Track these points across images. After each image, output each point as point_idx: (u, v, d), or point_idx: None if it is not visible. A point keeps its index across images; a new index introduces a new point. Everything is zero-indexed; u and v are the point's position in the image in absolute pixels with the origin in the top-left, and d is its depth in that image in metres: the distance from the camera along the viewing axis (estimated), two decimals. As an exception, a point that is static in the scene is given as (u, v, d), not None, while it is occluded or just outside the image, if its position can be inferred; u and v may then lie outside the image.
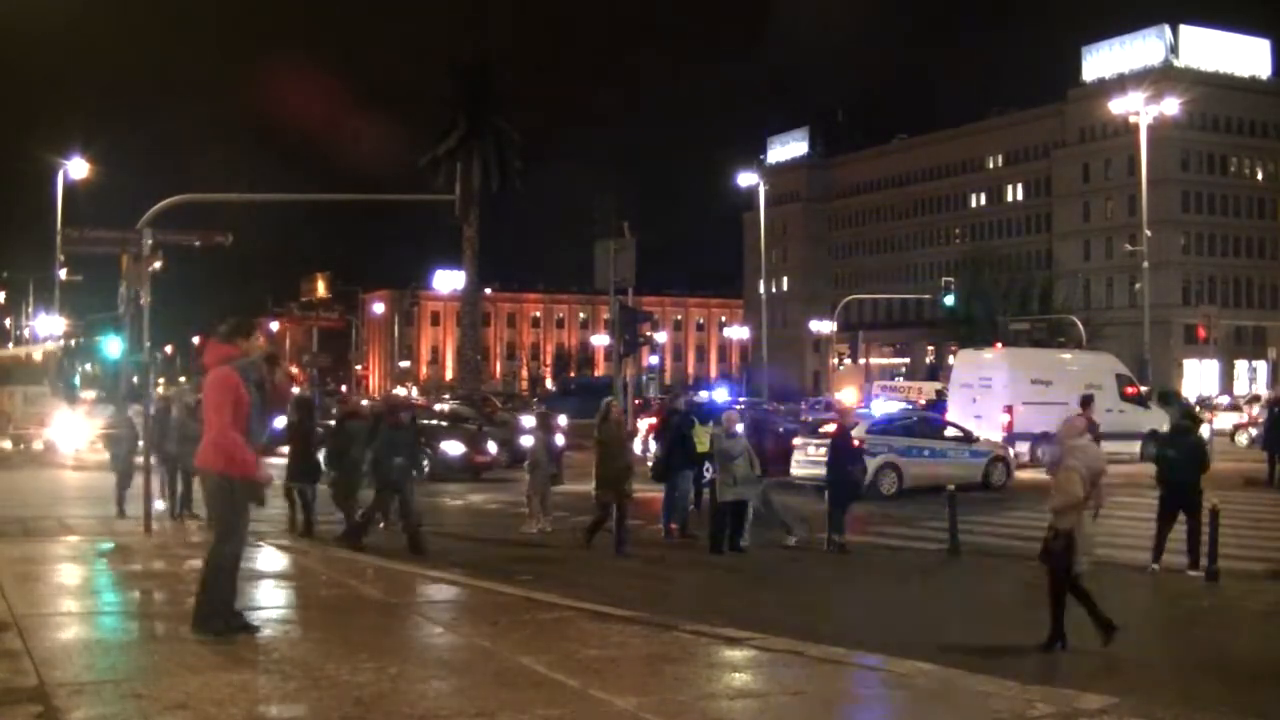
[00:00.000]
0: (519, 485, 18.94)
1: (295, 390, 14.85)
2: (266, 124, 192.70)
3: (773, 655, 7.24)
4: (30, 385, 34.92)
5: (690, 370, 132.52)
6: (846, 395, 44.60)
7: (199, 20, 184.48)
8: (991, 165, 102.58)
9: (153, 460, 15.29)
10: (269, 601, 9.28)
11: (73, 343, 32.29)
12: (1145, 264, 47.00)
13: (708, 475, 15.84)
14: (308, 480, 14.80)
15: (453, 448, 25.06)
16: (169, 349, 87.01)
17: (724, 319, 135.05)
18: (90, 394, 36.78)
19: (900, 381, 61.78)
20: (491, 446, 25.77)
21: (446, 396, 48.33)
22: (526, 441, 19.76)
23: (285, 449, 15.39)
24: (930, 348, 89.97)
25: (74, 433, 30.14)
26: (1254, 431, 37.76)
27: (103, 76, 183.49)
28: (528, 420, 27.77)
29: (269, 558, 12.05)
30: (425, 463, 22.29)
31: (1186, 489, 12.48)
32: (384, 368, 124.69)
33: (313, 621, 8.73)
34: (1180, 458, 12.71)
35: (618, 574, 12.43)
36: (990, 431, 25.23)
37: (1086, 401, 16.62)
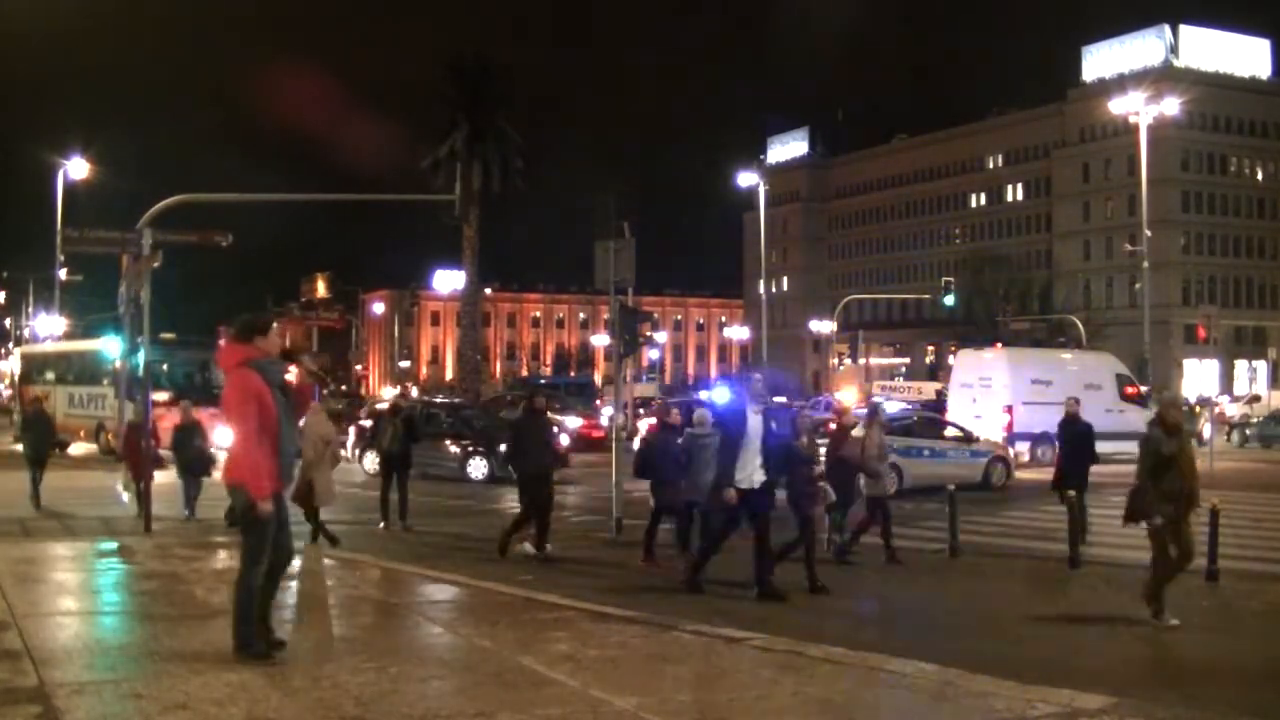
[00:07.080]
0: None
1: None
2: (266, 124, 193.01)
3: (773, 655, 7.23)
4: (85, 385, 31.98)
5: (690, 370, 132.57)
6: (846, 395, 44.60)
7: (199, 20, 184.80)
8: (991, 165, 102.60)
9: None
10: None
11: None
12: (1145, 264, 47.04)
13: None
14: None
15: None
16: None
17: (724, 319, 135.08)
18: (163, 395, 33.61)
19: (900, 382, 61.90)
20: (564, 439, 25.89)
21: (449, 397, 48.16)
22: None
23: None
24: (930, 348, 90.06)
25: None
26: (1248, 431, 38.13)
27: (103, 76, 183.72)
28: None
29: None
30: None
31: None
32: (384, 368, 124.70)
33: (312, 622, 8.72)
34: None
35: (618, 573, 12.43)
36: (990, 431, 25.23)
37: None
